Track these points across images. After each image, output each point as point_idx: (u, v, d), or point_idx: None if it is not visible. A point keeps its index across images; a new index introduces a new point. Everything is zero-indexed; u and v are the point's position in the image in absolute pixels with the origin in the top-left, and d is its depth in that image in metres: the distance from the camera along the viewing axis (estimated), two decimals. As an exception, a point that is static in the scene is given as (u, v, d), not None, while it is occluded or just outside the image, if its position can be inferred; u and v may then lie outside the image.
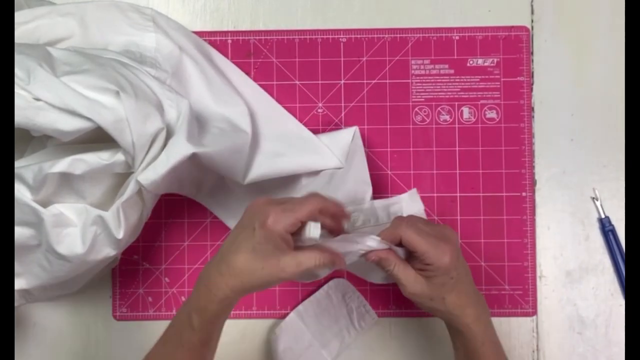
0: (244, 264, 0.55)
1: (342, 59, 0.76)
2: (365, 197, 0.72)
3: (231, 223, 0.74)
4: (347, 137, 0.72)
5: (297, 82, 0.76)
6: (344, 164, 0.70)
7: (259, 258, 0.54)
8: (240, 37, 0.76)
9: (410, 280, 0.60)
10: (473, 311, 0.61)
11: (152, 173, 0.61)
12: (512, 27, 0.76)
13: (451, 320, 0.62)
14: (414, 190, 0.74)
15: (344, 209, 0.60)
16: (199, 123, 0.67)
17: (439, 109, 0.76)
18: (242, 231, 0.57)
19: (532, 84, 0.76)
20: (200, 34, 0.75)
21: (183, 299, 0.75)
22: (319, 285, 0.75)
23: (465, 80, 0.76)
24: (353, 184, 0.72)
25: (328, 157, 0.70)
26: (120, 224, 0.62)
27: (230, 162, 0.66)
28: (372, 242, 0.59)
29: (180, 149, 0.61)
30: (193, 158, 0.62)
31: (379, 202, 0.70)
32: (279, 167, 0.69)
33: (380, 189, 0.75)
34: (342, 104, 0.76)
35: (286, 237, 0.55)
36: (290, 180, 0.72)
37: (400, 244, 0.60)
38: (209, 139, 0.65)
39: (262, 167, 0.69)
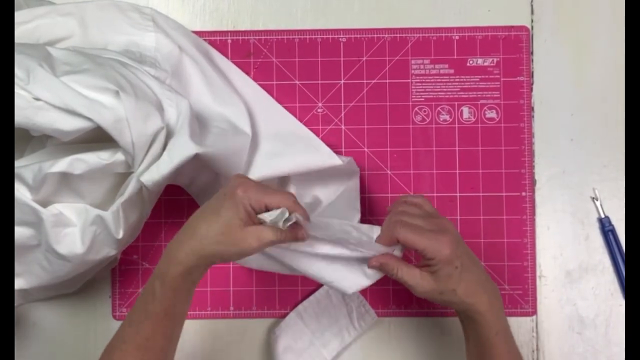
0: (206, 228, 0.55)
1: (342, 58, 0.76)
2: (353, 221, 0.70)
3: None
4: (345, 158, 0.72)
5: (297, 82, 0.76)
6: (343, 162, 0.71)
7: (221, 223, 0.55)
8: (240, 37, 0.76)
9: (417, 280, 0.59)
10: (486, 298, 0.60)
11: (155, 173, 0.61)
12: (512, 27, 0.76)
13: (466, 309, 0.61)
14: None
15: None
16: (199, 123, 0.67)
17: (438, 108, 0.76)
18: (213, 199, 0.57)
19: (532, 84, 0.76)
20: (199, 33, 0.75)
21: (183, 298, 0.75)
22: (319, 284, 0.75)
23: (465, 80, 0.76)
24: (344, 207, 0.71)
25: (327, 155, 0.70)
26: (119, 224, 0.62)
27: (230, 162, 0.66)
28: (368, 245, 0.59)
29: (183, 149, 0.61)
30: (194, 157, 0.62)
31: (378, 228, 0.67)
32: (279, 166, 0.69)
33: (380, 189, 0.75)
34: (342, 104, 0.76)
35: (250, 210, 0.55)
36: None
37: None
38: (210, 139, 0.65)
39: (262, 167, 0.69)
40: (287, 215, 0.55)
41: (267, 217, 0.55)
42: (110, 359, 0.57)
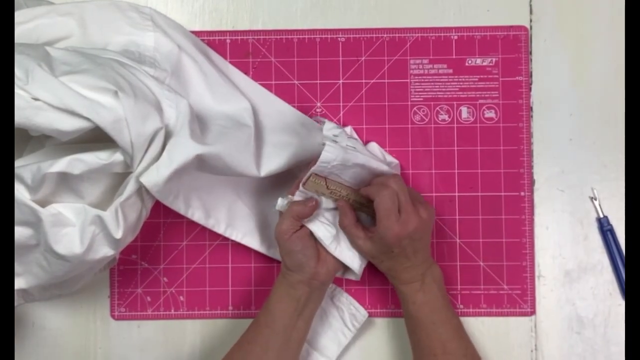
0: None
1: (340, 58, 0.76)
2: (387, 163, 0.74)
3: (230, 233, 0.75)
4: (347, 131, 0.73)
5: (296, 82, 0.76)
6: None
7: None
8: (239, 37, 0.76)
9: (359, 241, 0.67)
10: (405, 277, 0.68)
11: (155, 175, 0.61)
12: (511, 26, 0.76)
13: (387, 275, 0.70)
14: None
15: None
16: (199, 122, 0.67)
17: (437, 108, 0.76)
18: None
19: (531, 84, 0.76)
20: (198, 33, 0.75)
21: (181, 298, 0.75)
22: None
23: (463, 79, 0.76)
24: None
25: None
26: (118, 224, 0.62)
27: (238, 158, 0.66)
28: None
29: (184, 150, 0.61)
30: (199, 162, 0.62)
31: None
32: (292, 155, 0.70)
33: (378, 188, 0.75)
34: (341, 104, 0.76)
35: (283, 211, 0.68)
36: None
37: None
38: (211, 138, 0.65)
39: (273, 159, 0.69)
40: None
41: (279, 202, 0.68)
42: (230, 357, 0.68)
